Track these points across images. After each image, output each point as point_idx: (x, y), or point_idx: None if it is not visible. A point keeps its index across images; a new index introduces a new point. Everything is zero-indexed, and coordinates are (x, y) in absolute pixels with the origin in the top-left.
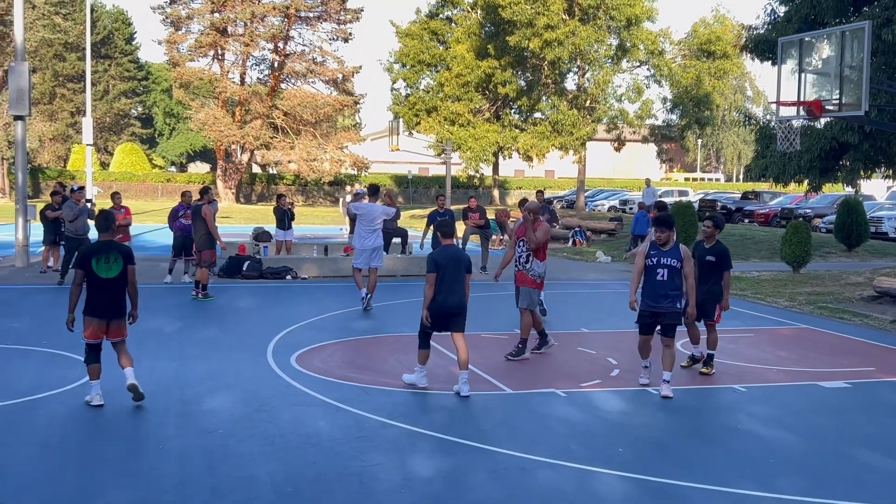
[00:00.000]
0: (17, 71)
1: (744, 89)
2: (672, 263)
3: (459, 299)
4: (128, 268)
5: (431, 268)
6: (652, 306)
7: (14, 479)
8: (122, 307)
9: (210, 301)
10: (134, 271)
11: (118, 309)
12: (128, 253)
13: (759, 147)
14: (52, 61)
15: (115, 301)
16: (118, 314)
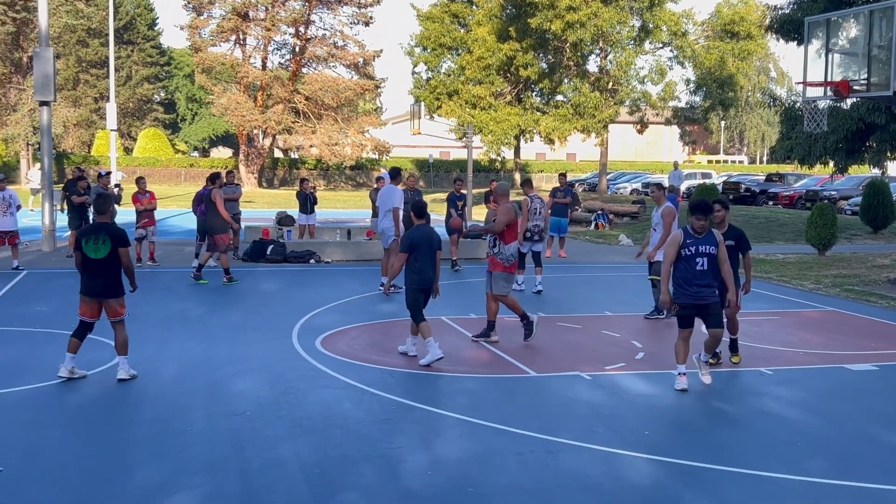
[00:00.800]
0: (42, 57)
1: (768, 70)
2: (711, 251)
3: (433, 275)
4: (118, 250)
5: (405, 248)
6: (694, 298)
7: (45, 460)
8: (114, 288)
9: (234, 284)
10: (126, 253)
11: (108, 289)
12: (117, 235)
13: (784, 128)
14: (75, 47)
15: (105, 281)
16: (108, 294)
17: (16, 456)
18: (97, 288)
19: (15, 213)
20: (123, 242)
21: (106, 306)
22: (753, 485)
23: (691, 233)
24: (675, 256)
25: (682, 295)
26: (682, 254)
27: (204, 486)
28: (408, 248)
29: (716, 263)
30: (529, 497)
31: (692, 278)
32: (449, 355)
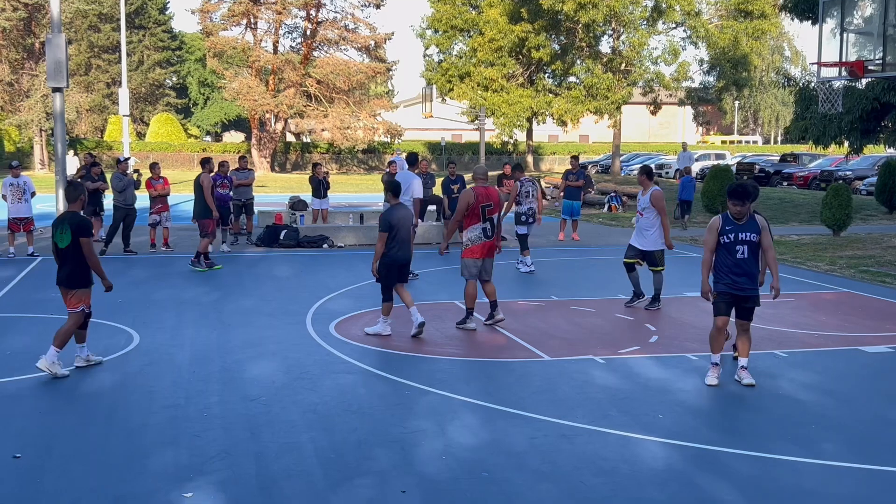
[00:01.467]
0: (54, 43)
1: (782, 50)
2: (752, 238)
3: (409, 253)
4: (79, 240)
5: (384, 227)
6: (733, 288)
7: (61, 446)
8: (76, 279)
9: (208, 271)
10: (88, 243)
11: (69, 279)
12: (79, 224)
13: (799, 108)
14: (87, 32)
15: (69, 271)
16: (68, 284)
17: (33, 443)
18: (60, 277)
19: (30, 199)
20: (83, 232)
21: (64, 295)
22: (768, 467)
23: (731, 219)
24: (715, 243)
25: (720, 283)
26: (721, 241)
27: (220, 472)
28: (388, 227)
29: (757, 251)
30: (544, 481)
31: (732, 266)
32: (463, 340)
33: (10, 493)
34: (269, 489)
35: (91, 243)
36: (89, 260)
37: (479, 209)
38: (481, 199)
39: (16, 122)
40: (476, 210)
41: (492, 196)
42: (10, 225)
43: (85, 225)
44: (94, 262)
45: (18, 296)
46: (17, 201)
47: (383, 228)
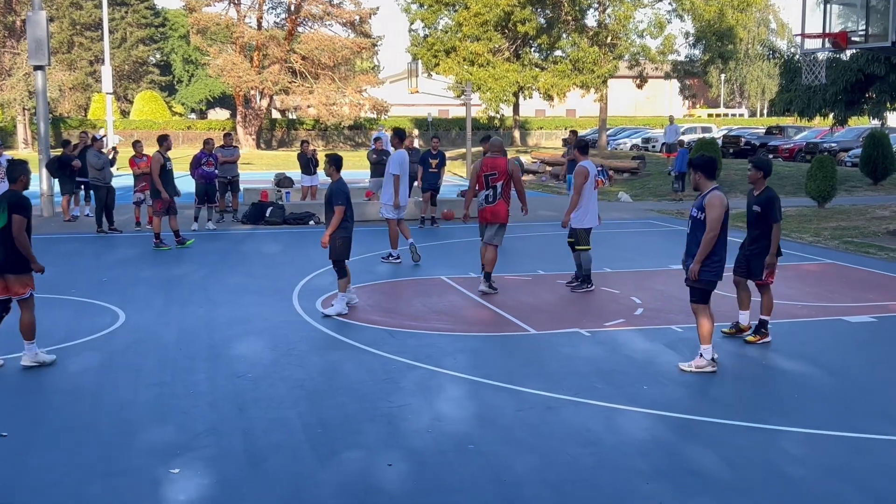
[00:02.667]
0: (34, 20)
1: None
2: (694, 214)
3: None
4: (12, 217)
5: (344, 200)
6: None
7: (49, 424)
8: (13, 263)
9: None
10: (19, 221)
11: (7, 263)
12: (14, 203)
13: (784, 81)
14: (68, 10)
15: (5, 255)
16: (6, 269)
17: (19, 421)
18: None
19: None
20: (21, 211)
21: (6, 282)
22: (753, 437)
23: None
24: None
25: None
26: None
27: (208, 448)
28: (347, 200)
29: (701, 229)
30: (530, 452)
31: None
32: (449, 314)
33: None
34: (256, 464)
35: (23, 222)
36: (17, 239)
37: (483, 177)
38: (486, 169)
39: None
40: (480, 178)
41: (497, 166)
42: None
43: (20, 203)
44: (25, 244)
45: None
46: (0, 181)
47: (343, 201)
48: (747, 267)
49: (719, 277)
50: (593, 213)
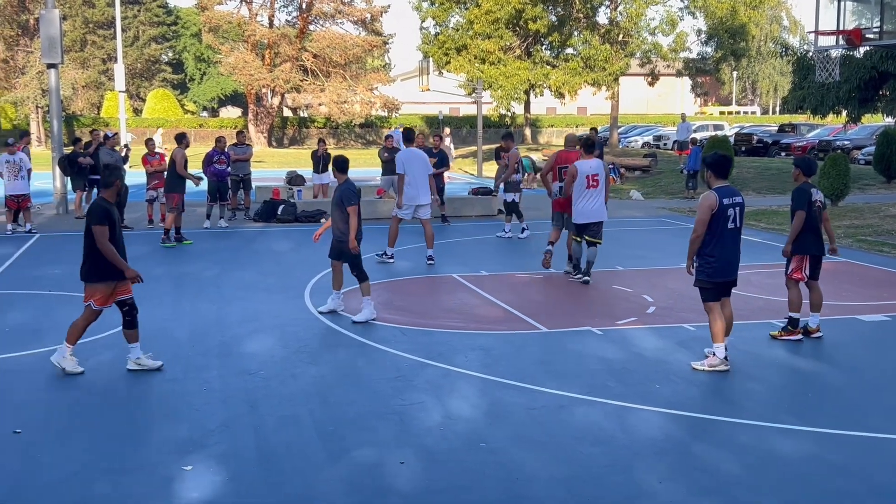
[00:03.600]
0: (48, 19)
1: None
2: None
3: None
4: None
5: (356, 199)
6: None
7: (61, 420)
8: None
9: (179, 245)
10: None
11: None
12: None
13: (797, 78)
14: (81, 8)
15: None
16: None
17: (33, 418)
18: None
19: (26, 176)
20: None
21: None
22: (766, 436)
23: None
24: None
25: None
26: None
27: (219, 445)
28: (358, 200)
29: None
30: (541, 451)
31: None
32: (461, 312)
33: (11, 468)
34: (268, 461)
35: (103, 231)
36: (101, 250)
37: (557, 169)
38: (560, 161)
39: (12, 100)
40: (555, 170)
41: (570, 159)
42: (7, 202)
43: (92, 212)
44: (107, 251)
45: (16, 273)
46: (13, 178)
47: (356, 201)
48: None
49: (716, 276)
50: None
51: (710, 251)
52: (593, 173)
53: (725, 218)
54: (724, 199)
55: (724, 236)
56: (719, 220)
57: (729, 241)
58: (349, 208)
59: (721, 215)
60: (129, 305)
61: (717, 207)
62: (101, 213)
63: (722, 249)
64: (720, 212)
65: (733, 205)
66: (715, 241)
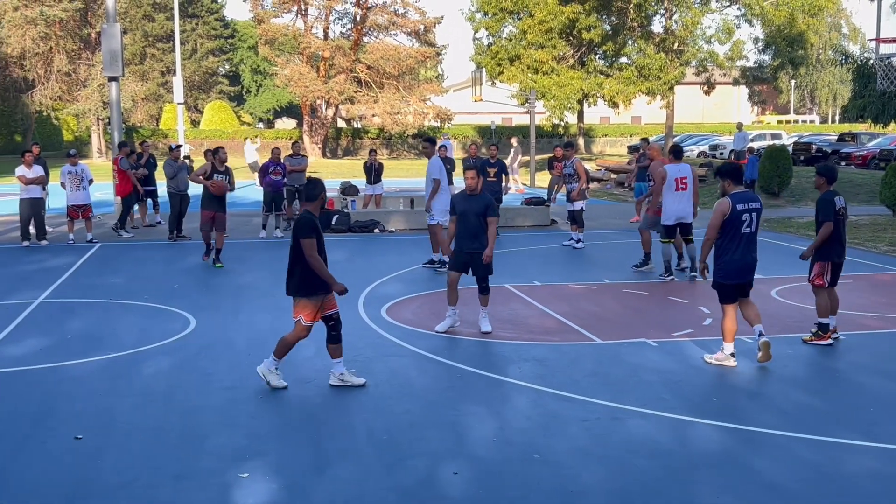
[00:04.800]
0: (109, 33)
1: (840, 26)
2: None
3: None
4: (300, 241)
5: (496, 212)
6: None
7: (121, 426)
8: (290, 283)
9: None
10: (308, 245)
11: (288, 283)
12: (296, 226)
13: (857, 87)
14: (141, 22)
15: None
16: (288, 289)
17: (93, 424)
18: None
19: (88, 187)
20: (298, 231)
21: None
22: (825, 451)
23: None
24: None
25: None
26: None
27: (275, 453)
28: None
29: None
30: (596, 463)
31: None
32: (513, 323)
33: (72, 474)
34: (322, 469)
35: (311, 245)
36: (310, 262)
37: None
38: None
39: (74, 112)
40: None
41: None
42: (69, 212)
43: (299, 224)
44: (316, 264)
45: (78, 281)
46: (75, 189)
47: (496, 212)
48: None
49: (732, 278)
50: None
51: (727, 254)
52: (682, 176)
53: (740, 222)
54: (739, 204)
55: (739, 240)
56: (734, 224)
57: (744, 245)
58: (490, 219)
59: (735, 220)
60: (334, 320)
61: (729, 213)
62: (309, 225)
63: (738, 252)
64: (734, 217)
65: (748, 210)
66: (731, 244)
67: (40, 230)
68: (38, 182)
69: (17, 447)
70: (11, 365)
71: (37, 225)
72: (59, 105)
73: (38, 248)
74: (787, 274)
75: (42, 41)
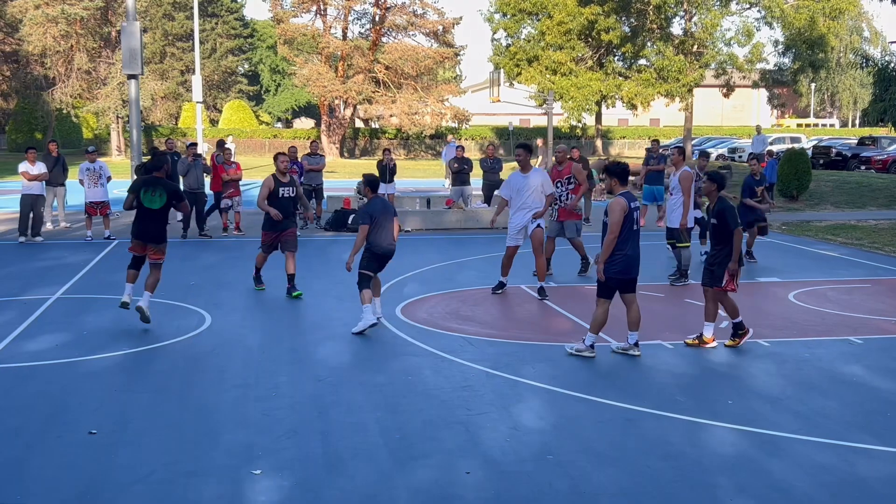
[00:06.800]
0: (129, 31)
1: (860, 30)
2: (604, 218)
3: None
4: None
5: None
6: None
7: (136, 422)
8: (162, 235)
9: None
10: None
11: (158, 235)
12: (173, 190)
13: (878, 90)
14: (161, 21)
15: (156, 228)
16: (156, 240)
17: (107, 419)
18: (150, 233)
19: (105, 183)
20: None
21: (149, 248)
22: (842, 455)
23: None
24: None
25: None
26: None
27: (288, 450)
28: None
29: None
30: (610, 465)
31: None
32: (528, 323)
33: (86, 469)
34: (335, 467)
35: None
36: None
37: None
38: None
39: (93, 110)
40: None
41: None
42: (87, 209)
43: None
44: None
45: (96, 278)
46: (93, 186)
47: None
48: (710, 276)
49: (624, 273)
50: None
51: (621, 250)
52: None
53: (632, 220)
54: (631, 203)
55: (630, 237)
56: (628, 222)
57: (634, 242)
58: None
59: (629, 218)
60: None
61: (628, 210)
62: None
63: (628, 248)
64: (629, 215)
65: (636, 208)
66: (624, 241)
67: (36, 227)
68: (41, 178)
69: (32, 441)
70: (28, 360)
71: (34, 221)
72: (78, 103)
73: (54, 246)
74: (805, 277)
75: (63, 39)
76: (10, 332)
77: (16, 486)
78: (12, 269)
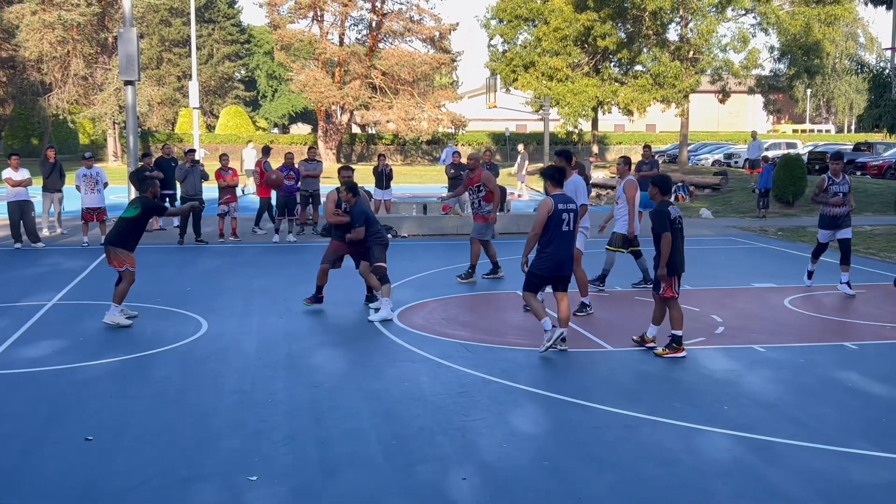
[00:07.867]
0: (126, 37)
1: (856, 36)
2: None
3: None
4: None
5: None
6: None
7: (133, 428)
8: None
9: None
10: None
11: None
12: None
13: (873, 96)
14: (158, 27)
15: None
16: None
17: (104, 425)
18: None
19: (102, 190)
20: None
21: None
22: (838, 461)
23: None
24: None
25: None
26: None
27: (285, 456)
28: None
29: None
30: (607, 471)
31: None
32: (525, 329)
33: (83, 475)
34: (332, 473)
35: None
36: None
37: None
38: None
39: (90, 115)
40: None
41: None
42: (83, 215)
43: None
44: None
45: (91, 284)
46: (90, 192)
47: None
48: (654, 282)
49: (548, 271)
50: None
51: (546, 248)
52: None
53: (560, 221)
54: (559, 204)
55: (558, 237)
56: (554, 222)
57: (562, 242)
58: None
59: (556, 218)
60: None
61: (553, 211)
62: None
63: (556, 248)
64: (556, 215)
65: (567, 210)
66: (552, 241)
67: (32, 233)
68: (25, 184)
69: (28, 447)
70: (24, 366)
71: (27, 228)
72: (75, 109)
73: (51, 252)
74: (800, 283)
75: (59, 45)
76: (7, 339)
77: (13, 492)
78: (8, 275)
